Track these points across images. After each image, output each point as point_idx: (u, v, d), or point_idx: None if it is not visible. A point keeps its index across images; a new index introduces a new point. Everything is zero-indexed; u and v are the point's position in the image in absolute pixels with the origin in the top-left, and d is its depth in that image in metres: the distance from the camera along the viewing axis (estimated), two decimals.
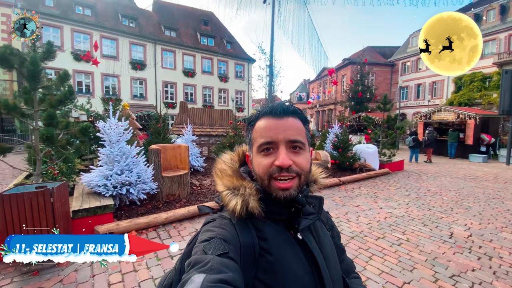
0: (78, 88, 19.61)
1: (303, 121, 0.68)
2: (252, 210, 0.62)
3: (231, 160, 0.76)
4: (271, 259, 0.58)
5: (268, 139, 0.63)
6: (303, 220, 0.65)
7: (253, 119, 0.69)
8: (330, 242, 0.74)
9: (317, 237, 0.69)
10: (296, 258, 0.61)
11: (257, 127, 0.67)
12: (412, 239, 3.71)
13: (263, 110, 0.68)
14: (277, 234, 0.63)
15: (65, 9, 19.27)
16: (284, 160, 0.60)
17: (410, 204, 5.28)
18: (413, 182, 7.35)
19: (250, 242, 0.60)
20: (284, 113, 0.65)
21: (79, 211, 3.33)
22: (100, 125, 3.96)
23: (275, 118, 0.64)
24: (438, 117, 14.41)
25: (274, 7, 9.08)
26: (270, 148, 0.63)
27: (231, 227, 0.61)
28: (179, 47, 24.17)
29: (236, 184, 0.67)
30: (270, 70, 9.69)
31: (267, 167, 0.62)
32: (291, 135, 0.63)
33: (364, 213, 4.70)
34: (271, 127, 0.64)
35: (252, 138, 0.68)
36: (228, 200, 0.64)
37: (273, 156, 0.62)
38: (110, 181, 3.85)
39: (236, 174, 0.71)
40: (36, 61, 2.73)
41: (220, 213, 0.68)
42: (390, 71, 29.62)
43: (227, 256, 0.53)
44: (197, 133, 9.64)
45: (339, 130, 8.46)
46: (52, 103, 3.02)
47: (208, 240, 0.56)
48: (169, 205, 4.45)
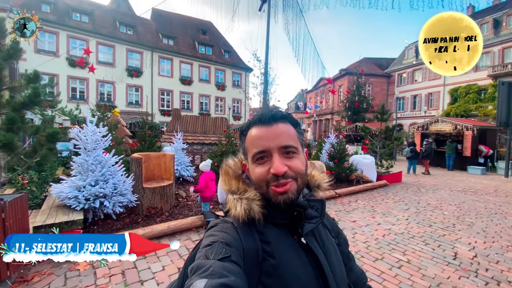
0: (72, 94, 19.34)
1: (294, 125, 0.68)
2: (254, 214, 0.62)
3: (235, 165, 0.76)
4: (274, 263, 0.58)
5: (261, 148, 0.63)
6: (306, 224, 0.65)
7: (245, 129, 0.70)
8: (335, 249, 0.72)
9: (321, 243, 0.68)
10: (300, 263, 0.61)
11: (248, 136, 0.67)
12: (414, 260, 3.37)
13: (252, 119, 0.68)
14: (280, 238, 0.63)
15: (61, 15, 19.21)
16: (278, 168, 0.60)
17: (409, 220, 4.96)
18: (412, 195, 7.04)
19: (253, 246, 0.60)
20: (273, 119, 0.65)
21: (42, 227, 2.97)
22: (74, 131, 3.64)
23: (265, 126, 0.64)
24: (436, 128, 14.26)
25: (269, 14, 8.98)
26: (264, 157, 0.63)
27: (233, 231, 0.62)
28: (177, 55, 24.15)
29: (238, 190, 0.68)
30: (265, 77, 9.50)
31: (263, 175, 0.62)
32: (283, 141, 0.63)
33: (361, 229, 4.36)
34: (262, 136, 0.64)
35: (245, 148, 0.68)
36: (233, 205, 0.65)
37: (268, 164, 0.62)
38: (83, 193, 3.50)
39: (240, 179, 0.72)
40: None
41: (223, 218, 0.69)
42: (387, 82, 29.80)
43: (229, 260, 0.53)
44: (190, 141, 9.33)
45: (335, 140, 8.20)
46: (14, 107, 2.71)
47: (210, 245, 0.56)
48: (149, 219, 4.09)
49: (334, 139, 8.31)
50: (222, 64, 26.98)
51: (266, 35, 8.96)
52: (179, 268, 2.93)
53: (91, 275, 2.74)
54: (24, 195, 2.72)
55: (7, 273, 2.41)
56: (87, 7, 21.13)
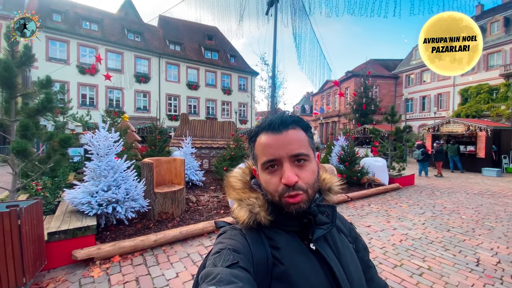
0: (82, 100, 19.72)
1: (304, 129, 0.66)
2: (259, 220, 0.62)
3: (242, 173, 0.75)
4: (283, 269, 0.57)
5: (270, 156, 0.61)
6: (316, 230, 0.63)
7: (253, 135, 0.68)
8: (351, 255, 0.70)
9: (335, 248, 0.66)
10: (311, 268, 0.59)
11: (258, 143, 0.65)
12: (434, 267, 3.24)
13: (261, 124, 0.66)
14: (290, 244, 0.62)
15: (72, 24, 19.70)
16: (289, 178, 0.59)
17: (426, 224, 4.80)
18: (426, 198, 6.84)
19: (262, 252, 0.59)
20: (284, 126, 0.63)
21: (56, 233, 2.96)
22: (87, 136, 3.66)
23: (274, 134, 0.62)
24: (447, 129, 13.95)
25: (276, 18, 8.99)
26: (274, 165, 0.61)
27: (241, 237, 0.61)
28: (184, 60, 24.44)
29: (243, 196, 0.66)
30: (273, 81, 9.47)
31: (276, 186, 0.61)
32: (293, 150, 0.61)
33: (376, 234, 4.24)
34: (271, 144, 0.62)
35: (255, 155, 0.67)
36: (237, 211, 0.65)
37: (279, 174, 0.61)
38: (95, 198, 3.50)
39: (247, 186, 0.71)
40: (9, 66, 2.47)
41: (232, 225, 0.69)
42: (394, 84, 29.45)
43: (237, 266, 0.52)
44: (198, 145, 9.33)
45: (345, 143, 8.07)
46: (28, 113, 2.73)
47: (218, 252, 0.56)
48: (161, 225, 4.06)
49: (344, 141, 8.19)
50: (228, 68, 27.18)
51: (273, 38, 8.96)
52: (192, 275, 2.88)
53: (105, 282, 2.71)
54: (39, 201, 2.72)
55: (22, 279, 2.40)
56: (96, 16, 21.63)
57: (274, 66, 9.28)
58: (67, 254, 3.00)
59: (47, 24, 18.04)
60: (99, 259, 3.07)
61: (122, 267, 3.00)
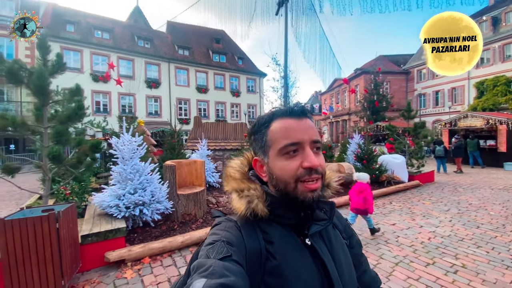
0: (96, 107, 20.20)
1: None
2: (257, 212, 0.61)
3: (241, 164, 0.74)
4: (276, 263, 0.57)
5: (294, 139, 0.60)
6: (313, 225, 0.63)
7: (266, 121, 0.65)
8: (344, 251, 0.70)
9: (329, 245, 0.66)
10: (304, 264, 0.59)
11: (274, 128, 0.63)
12: (469, 264, 3.14)
13: (277, 111, 0.65)
14: (284, 238, 0.61)
15: (85, 34, 20.26)
16: (314, 160, 0.59)
17: (453, 221, 4.66)
18: (449, 195, 6.65)
19: (256, 245, 0.58)
20: (304, 113, 0.63)
21: (89, 236, 3.04)
22: (113, 141, 3.74)
23: (295, 119, 0.62)
24: (465, 124, 13.53)
25: (287, 18, 8.97)
26: (296, 150, 0.60)
27: (236, 230, 0.60)
28: (192, 65, 24.72)
29: (242, 187, 0.65)
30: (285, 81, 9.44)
31: (294, 170, 0.59)
32: (313, 135, 0.62)
33: (403, 232, 4.14)
34: (294, 128, 0.61)
35: (268, 141, 0.63)
36: (235, 202, 0.64)
37: (299, 158, 0.60)
38: (123, 201, 3.57)
39: (245, 177, 0.69)
40: (42, 75, 2.56)
41: (227, 216, 0.67)
42: (406, 79, 28.84)
43: (230, 259, 0.52)
44: (212, 147, 9.40)
45: (361, 140, 7.95)
46: (61, 120, 2.81)
47: (212, 244, 0.56)
48: (185, 226, 4.10)
49: (360, 139, 8.07)
50: (236, 70, 27.31)
51: (285, 38, 8.94)
52: None
53: (138, 283, 2.76)
54: (73, 205, 2.80)
55: (61, 282, 2.47)
56: (107, 25, 22.17)
57: (286, 66, 9.26)
58: (99, 256, 3.07)
59: (61, 35, 18.62)
60: (130, 261, 3.13)
61: (153, 268, 3.04)
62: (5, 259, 2.20)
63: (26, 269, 2.26)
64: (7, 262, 2.20)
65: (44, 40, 3.12)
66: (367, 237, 3.98)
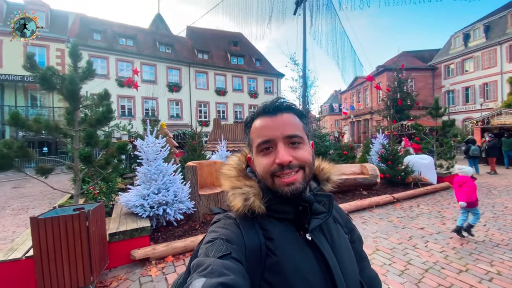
0: (121, 111, 21.18)
1: (299, 116, 0.66)
2: (254, 208, 0.60)
3: (238, 161, 0.74)
4: (276, 260, 0.56)
5: (265, 137, 0.61)
6: (313, 219, 0.62)
7: (249, 121, 0.68)
8: (346, 245, 0.69)
9: (330, 239, 0.65)
10: (305, 259, 0.58)
11: (253, 127, 0.66)
12: (505, 272, 2.90)
13: (257, 110, 0.66)
14: (284, 234, 0.61)
15: (110, 42, 21.35)
16: (283, 156, 0.59)
17: (488, 226, 4.34)
18: (483, 197, 6.20)
19: (256, 242, 0.58)
20: (278, 109, 0.63)
21: (116, 234, 3.16)
22: (138, 143, 3.89)
23: (269, 116, 0.63)
24: (499, 122, 12.59)
25: (305, 17, 8.87)
26: (269, 147, 0.61)
27: (235, 227, 0.60)
28: (211, 68, 25.22)
29: (237, 184, 0.65)
30: (304, 80, 9.32)
31: (268, 166, 0.60)
32: (287, 130, 0.61)
33: (432, 237, 3.91)
34: (266, 126, 0.62)
35: (250, 139, 0.67)
36: (232, 199, 0.64)
37: (273, 155, 0.60)
38: (147, 201, 3.69)
39: (241, 174, 0.69)
40: (74, 80, 2.71)
41: (226, 213, 0.67)
42: (432, 76, 27.41)
43: (229, 257, 0.52)
44: (231, 148, 9.49)
45: (385, 140, 7.64)
46: (91, 123, 2.97)
47: (211, 242, 0.55)
48: (206, 226, 4.16)
49: (384, 139, 7.76)
50: (254, 72, 27.46)
51: (303, 37, 8.84)
52: None
53: (162, 281, 2.83)
54: (101, 204, 2.94)
55: (90, 278, 2.59)
56: (131, 32, 23.20)
57: (305, 65, 9.14)
58: (125, 254, 3.19)
59: (89, 43, 19.77)
60: (154, 259, 3.22)
61: (176, 267, 3.11)
62: (38, 256, 2.34)
63: (57, 265, 2.39)
64: (40, 259, 2.34)
65: (76, 48, 3.32)
66: (393, 241, 3.80)
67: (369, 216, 4.93)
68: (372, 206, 5.45)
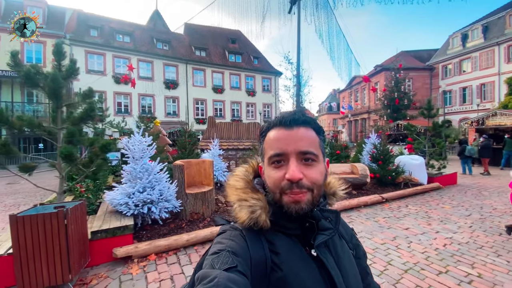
0: (117, 108, 21.11)
1: (316, 131, 0.64)
2: (260, 222, 0.60)
3: (245, 172, 0.73)
4: (281, 275, 0.56)
5: (278, 150, 0.60)
6: (318, 235, 0.61)
7: (264, 130, 0.67)
8: (351, 261, 0.69)
9: (335, 255, 0.65)
10: (310, 276, 0.58)
11: (267, 138, 0.64)
12: (486, 274, 2.93)
13: (273, 120, 0.65)
14: (290, 249, 0.60)
15: (107, 38, 21.21)
16: (294, 173, 0.57)
17: (474, 227, 4.37)
18: (472, 198, 6.25)
19: (261, 255, 0.58)
20: (295, 123, 0.61)
21: (99, 232, 3.17)
22: (124, 141, 3.89)
23: (285, 129, 0.61)
24: (494, 123, 12.66)
25: (299, 16, 8.83)
26: (281, 161, 0.60)
27: (241, 239, 0.60)
28: (209, 65, 25.11)
29: (244, 197, 0.65)
30: (298, 79, 9.31)
31: (278, 181, 0.59)
32: (302, 146, 0.60)
33: (416, 238, 3.94)
34: (281, 138, 0.61)
35: (263, 149, 0.66)
36: (238, 211, 0.63)
37: (284, 169, 0.59)
38: (132, 199, 3.69)
39: (248, 186, 0.68)
40: (56, 78, 2.70)
41: (232, 224, 0.67)
42: (429, 75, 27.44)
43: (235, 270, 0.51)
44: (225, 147, 9.48)
45: (377, 140, 7.66)
46: (73, 121, 2.96)
47: (217, 253, 0.55)
48: (192, 225, 4.17)
49: (376, 139, 7.78)
50: (252, 70, 27.38)
51: (297, 36, 8.81)
52: None
53: (142, 280, 2.84)
54: (82, 203, 2.94)
55: (69, 276, 2.59)
56: (128, 28, 23.06)
57: (299, 64, 9.12)
58: (107, 252, 3.19)
59: (85, 39, 19.64)
60: (137, 257, 3.23)
61: (158, 265, 3.12)
62: (17, 253, 2.34)
63: (36, 262, 2.40)
64: (19, 256, 2.35)
65: (60, 47, 3.29)
66: (376, 241, 3.83)
67: (356, 216, 4.95)
68: (360, 206, 5.48)
